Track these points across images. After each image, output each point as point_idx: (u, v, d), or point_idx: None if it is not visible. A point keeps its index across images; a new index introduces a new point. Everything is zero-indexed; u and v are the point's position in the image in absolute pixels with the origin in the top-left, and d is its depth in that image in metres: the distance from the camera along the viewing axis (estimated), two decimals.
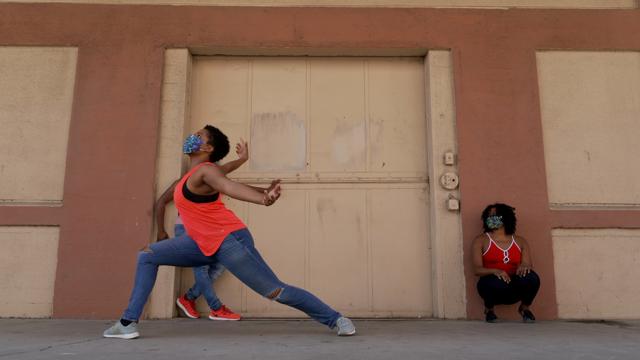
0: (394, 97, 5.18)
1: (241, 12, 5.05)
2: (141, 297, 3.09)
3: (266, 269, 3.15)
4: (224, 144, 3.34)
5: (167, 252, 3.19)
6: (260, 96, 5.16)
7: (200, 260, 3.26)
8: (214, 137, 3.30)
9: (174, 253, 3.20)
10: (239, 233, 3.16)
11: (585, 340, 2.99)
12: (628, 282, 4.66)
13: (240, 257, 3.12)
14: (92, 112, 4.81)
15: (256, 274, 3.13)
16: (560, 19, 5.08)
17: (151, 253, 3.15)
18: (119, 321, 3.08)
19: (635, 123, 4.96)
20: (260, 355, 2.36)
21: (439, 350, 2.56)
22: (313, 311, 3.21)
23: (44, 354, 2.38)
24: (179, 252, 3.21)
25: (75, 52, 4.98)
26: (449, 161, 4.78)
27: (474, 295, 4.54)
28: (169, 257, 3.19)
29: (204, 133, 3.30)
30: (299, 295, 3.19)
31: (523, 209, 4.70)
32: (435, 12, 5.07)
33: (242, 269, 3.12)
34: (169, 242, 3.25)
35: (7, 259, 4.59)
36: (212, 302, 4.42)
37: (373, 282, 4.83)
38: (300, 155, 5.05)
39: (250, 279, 3.13)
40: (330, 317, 3.22)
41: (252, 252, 3.14)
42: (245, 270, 3.12)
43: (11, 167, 4.77)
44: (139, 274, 3.13)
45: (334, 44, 5.01)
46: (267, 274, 3.14)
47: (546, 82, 5.02)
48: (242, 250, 3.12)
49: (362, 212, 4.94)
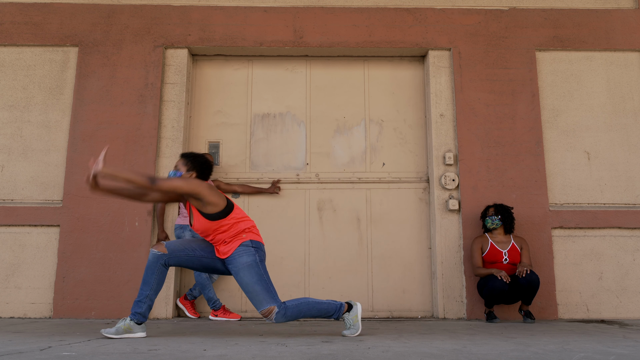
0: (394, 97, 5.18)
1: (241, 12, 5.05)
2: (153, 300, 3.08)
3: (267, 282, 3.08)
4: (204, 163, 3.25)
5: (182, 254, 3.11)
6: (260, 96, 5.16)
7: (212, 266, 3.19)
8: (191, 162, 3.23)
9: (189, 255, 3.13)
10: (256, 243, 3.15)
11: (585, 340, 2.99)
12: (628, 282, 4.66)
13: (249, 260, 3.07)
14: (92, 112, 4.81)
15: (256, 283, 3.06)
16: (560, 19, 5.08)
17: (166, 254, 3.07)
18: (129, 320, 3.04)
19: (635, 123, 4.96)
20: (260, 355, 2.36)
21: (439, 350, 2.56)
22: (317, 317, 3.17)
23: (44, 354, 2.38)
24: (195, 254, 3.14)
25: (75, 52, 4.98)
26: (449, 161, 4.78)
27: (474, 295, 4.54)
28: (183, 259, 3.12)
29: (180, 163, 3.23)
30: (295, 312, 3.09)
31: (523, 209, 4.70)
32: (435, 12, 5.07)
33: (245, 273, 3.07)
34: (184, 242, 3.16)
35: (7, 259, 4.59)
36: (212, 302, 4.42)
37: (373, 282, 4.83)
38: (300, 155, 5.05)
39: (249, 286, 3.06)
40: (334, 314, 3.16)
41: (260, 262, 3.11)
42: (247, 276, 3.06)
43: (11, 167, 4.77)
44: (152, 275, 3.05)
45: (334, 44, 5.01)
46: (267, 287, 3.07)
47: (546, 82, 5.02)
48: (252, 256, 3.09)
49: (362, 212, 4.94)
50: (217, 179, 4.90)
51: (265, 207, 4.94)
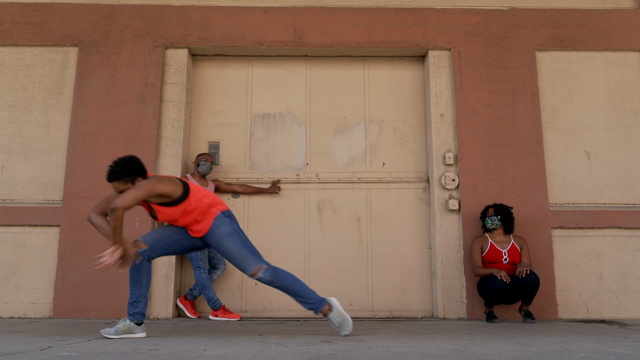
0: (394, 97, 5.18)
1: (241, 12, 5.05)
2: (147, 297, 3.12)
3: (251, 246, 3.16)
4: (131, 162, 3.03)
5: (161, 243, 3.14)
6: (260, 96, 5.16)
7: (192, 246, 3.23)
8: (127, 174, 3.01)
9: (168, 242, 3.16)
10: (228, 212, 3.22)
11: (585, 340, 2.99)
12: (628, 282, 4.66)
13: (228, 229, 3.13)
14: (92, 112, 4.81)
15: (241, 248, 3.11)
16: (560, 19, 5.08)
17: (147, 249, 3.09)
18: (129, 321, 3.06)
19: (635, 123, 4.96)
20: (260, 355, 2.36)
21: (439, 350, 2.56)
22: (297, 295, 3.16)
23: (44, 354, 2.38)
24: (172, 239, 3.17)
25: (75, 52, 4.98)
26: (449, 161, 4.78)
27: (474, 295, 4.54)
28: (164, 248, 3.15)
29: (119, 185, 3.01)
30: (281, 276, 3.13)
31: (523, 209, 4.70)
32: (435, 12, 5.07)
33: (228, 241, 3.11)
34: (159, 232, 3.17)
35: (7, 259, 4.59)
36: (212, 302, 4.42)
37: (373, 282, 4.83)
38: (300, 155, 5.05)
39: (235, 252, 3.10)
40: (315, 303, 3.15)
41: (239, 229, 3.18)
42: (230, 243, 3.11)
43: (11, 167, 4.77)
44: (139, 273, 3.07)
45: (334, 44, 5.01)
46: (252, 250, 3.14)
47: (546, 82, 5.02)
48: (230, 225, 3.15)
49: (362, 212, 4.94)
50: (217, 179, 4.90)
51: (265, 207, 4.94)
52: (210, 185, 4.72)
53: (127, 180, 3.02)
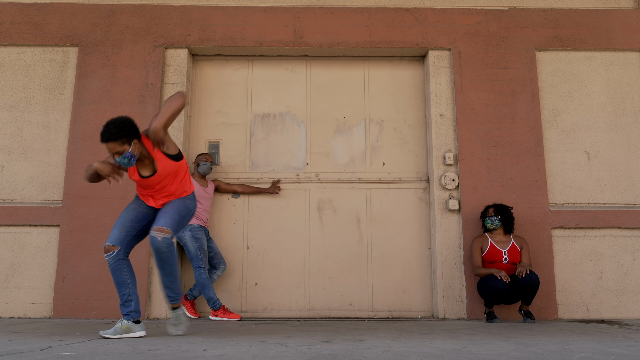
0: (394, 97, 5.18)
1: (241, 12, 5.05)
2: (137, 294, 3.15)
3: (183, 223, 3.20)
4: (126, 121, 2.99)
5: (128, 237, 3.15)
6: (260, 96, 5.16)
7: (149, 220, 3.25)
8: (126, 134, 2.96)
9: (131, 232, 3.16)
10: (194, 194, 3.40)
11: (585, 340, 2.99)
12: (628, 282, 4.66)
13: (190, 206, 3.24)
14: (92, 112, 4.81)
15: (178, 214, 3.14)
16: (560, 19, 5.08)
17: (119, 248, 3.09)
18: (127, 321, 3.06)
19: (635, 123, 4.96)
20: (260, 355, 2.36)
21: (439, 350, 2.56)
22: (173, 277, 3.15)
23: (44, 354, 2.38)
24: (135, 225, 3.17)
25: (75, 52, 4.98)
26: (449, 161, 4.78)
27: (474, 295, 4.54)
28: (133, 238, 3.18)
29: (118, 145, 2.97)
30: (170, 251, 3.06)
31: (523, 209, 4.70)
32: (435, 12, 5.07)
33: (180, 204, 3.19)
34: (121, 224, 3.15)
35: (7, 259, 4.59)
36: (212, 302, 4.42)
37: (373, 282, 4.83)
38: (300, 155, 5.05)
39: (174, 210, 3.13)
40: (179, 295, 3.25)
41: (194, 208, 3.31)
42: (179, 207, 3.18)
43: (11, 167, 4.77)
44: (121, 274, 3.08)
45: (334, 44, 5.01)
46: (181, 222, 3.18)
47: (546, 82, 5.02)
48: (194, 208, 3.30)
49: (362, 212, 4.94)
50: (217, 179, 4.90)
51: (265, 207, 4.94)
52: (210, 185, 4.72)
53: (124, 141, 2.96)
